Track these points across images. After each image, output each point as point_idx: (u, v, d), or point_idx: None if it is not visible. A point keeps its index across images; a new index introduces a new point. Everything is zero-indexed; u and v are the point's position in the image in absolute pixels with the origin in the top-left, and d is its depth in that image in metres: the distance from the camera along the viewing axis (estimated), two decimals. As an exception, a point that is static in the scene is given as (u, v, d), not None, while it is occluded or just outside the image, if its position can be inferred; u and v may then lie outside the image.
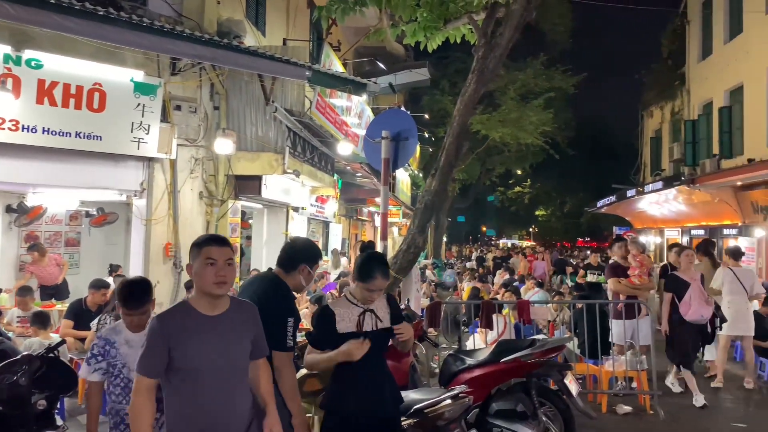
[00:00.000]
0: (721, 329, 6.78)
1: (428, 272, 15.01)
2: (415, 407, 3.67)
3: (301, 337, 5.45)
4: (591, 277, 12.55)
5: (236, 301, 2.77)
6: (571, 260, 22.03)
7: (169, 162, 7.78)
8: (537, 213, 46.68)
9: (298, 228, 10.85)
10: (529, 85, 19.64)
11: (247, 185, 8.70)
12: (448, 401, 3.69)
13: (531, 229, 53.39)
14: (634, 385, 6.53)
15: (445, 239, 31.34)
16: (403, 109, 13.79)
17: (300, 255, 3.34)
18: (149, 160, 7.63)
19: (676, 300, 6.48)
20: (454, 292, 13.91)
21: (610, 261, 7.90)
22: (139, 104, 7.21)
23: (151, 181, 7.69)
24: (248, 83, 8.52)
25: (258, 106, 8.56)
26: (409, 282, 6.48)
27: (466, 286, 13.07)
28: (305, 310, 7.49)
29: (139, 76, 7.21)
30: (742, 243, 14.47)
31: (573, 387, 4.96)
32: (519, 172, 31.13)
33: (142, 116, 7.23)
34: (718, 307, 6.75)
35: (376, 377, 3.19)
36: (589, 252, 27.21)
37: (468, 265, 22.18)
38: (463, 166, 22.71)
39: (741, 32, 17.00)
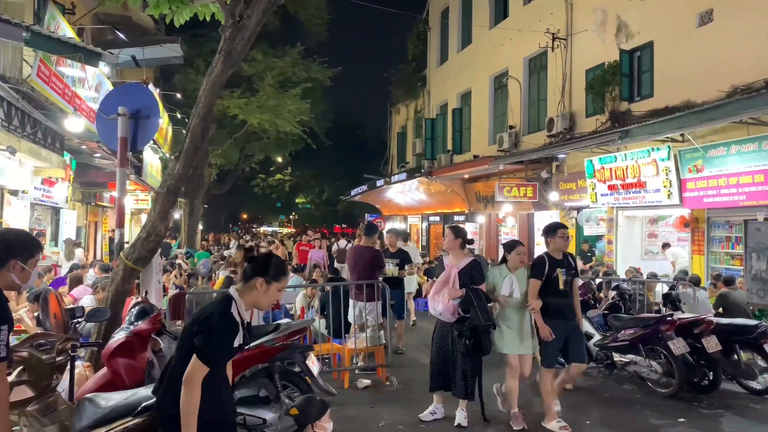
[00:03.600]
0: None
1: (180, 261, 14.24)
2: (143, 404, 3.40)
3: (16, 340, 4.72)
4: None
5: None
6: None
7: None
8: (297, 200, 47.60)
9: (18, 215, 9.34)
10: (287, 74, 19.83)
11: (-57, 162, 7.19)
12: (182, 395, 3.48)
13: (291, 216, 54.28)
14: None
15: (201, 227, 30.10)
16: (151, 85, 12.76)
17: (9, 249, 2.85)
18: None
19: None
20: (209, 282, 13.42)
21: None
22: None
23: None
24: (-56, 39, 7.00)
25: (-42, 68, 7.10)
26: (150, 273, 6.01)
27: (221, 275, 12.71)
28: (23, 310, 6.48)
29: None
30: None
31: (315, 367, 5.12)
32: (279, 159, 31.31)
33: None
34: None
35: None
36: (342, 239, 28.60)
37: (226, 253, 21.63)
38: (220, 150, 22.04)
39: (471, 43, 19.42)
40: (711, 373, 6.32)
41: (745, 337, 6.35)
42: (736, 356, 6.44)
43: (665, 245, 11.85)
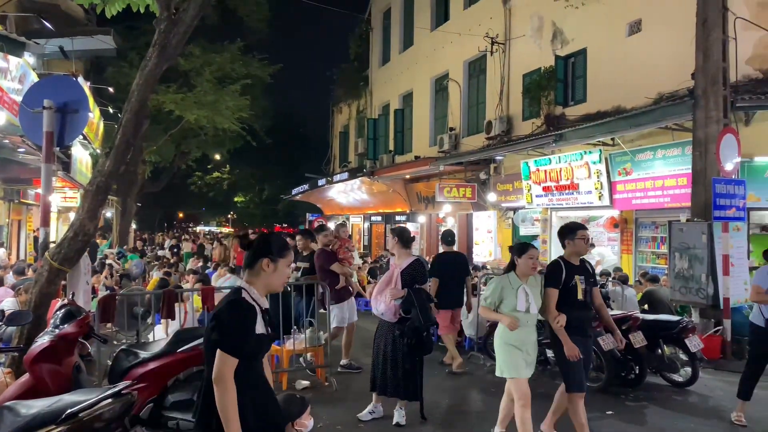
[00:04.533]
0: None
1: (111, 262, 13.69)
2: (67, 411, 3.24)
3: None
4: None
5: None
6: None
7: None
8: (236, 199, 46.62)
9: (-69, 212, 8.73)
10: (225, 69, 19.39)
11: None
12: (109, 400, 3.34)
13: (230, 216, 53.14)
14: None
15: (134, 226, 29.07)
16: (81, 78, 12.20)
17: None
18: None
19: None
20: (142, 283, 12.98)
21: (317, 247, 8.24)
22: None
23: None
24: None
25: None
26: (77, 274, 5.75)
27: (155, 276, 12.32)
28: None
29: None
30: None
31: (252, 369, 5.03)
32: (217, 157, 30.61)
33: None
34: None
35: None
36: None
37: (160, 253, 20.97)
38: (154, 147, 21.34)
39: (412, 44, 19.59)
40: (637, 367, 6.61)
41: (668, 332, 6.68)
42: (660, 351, 6.76)
43: (590, 245, 12.29)
